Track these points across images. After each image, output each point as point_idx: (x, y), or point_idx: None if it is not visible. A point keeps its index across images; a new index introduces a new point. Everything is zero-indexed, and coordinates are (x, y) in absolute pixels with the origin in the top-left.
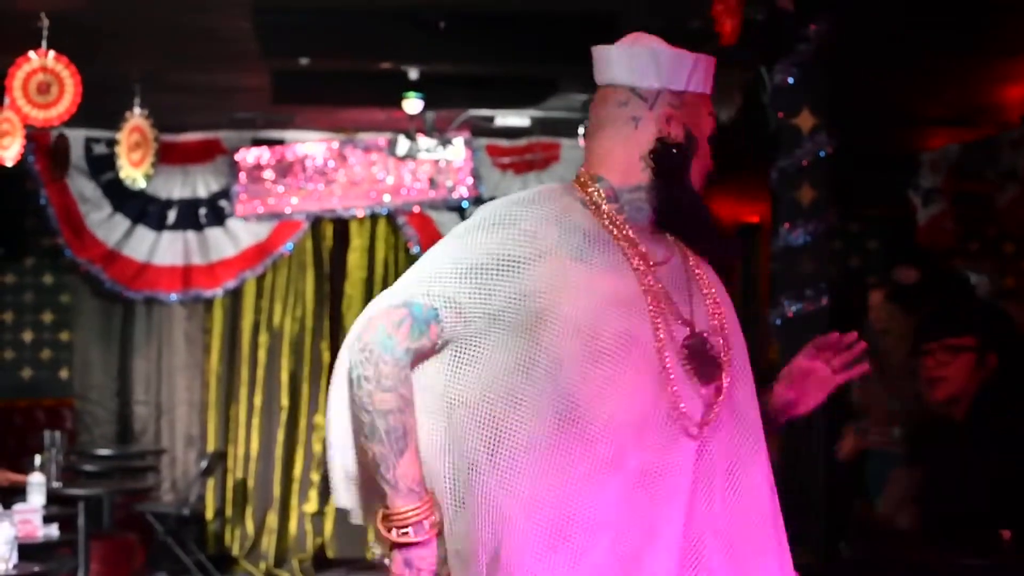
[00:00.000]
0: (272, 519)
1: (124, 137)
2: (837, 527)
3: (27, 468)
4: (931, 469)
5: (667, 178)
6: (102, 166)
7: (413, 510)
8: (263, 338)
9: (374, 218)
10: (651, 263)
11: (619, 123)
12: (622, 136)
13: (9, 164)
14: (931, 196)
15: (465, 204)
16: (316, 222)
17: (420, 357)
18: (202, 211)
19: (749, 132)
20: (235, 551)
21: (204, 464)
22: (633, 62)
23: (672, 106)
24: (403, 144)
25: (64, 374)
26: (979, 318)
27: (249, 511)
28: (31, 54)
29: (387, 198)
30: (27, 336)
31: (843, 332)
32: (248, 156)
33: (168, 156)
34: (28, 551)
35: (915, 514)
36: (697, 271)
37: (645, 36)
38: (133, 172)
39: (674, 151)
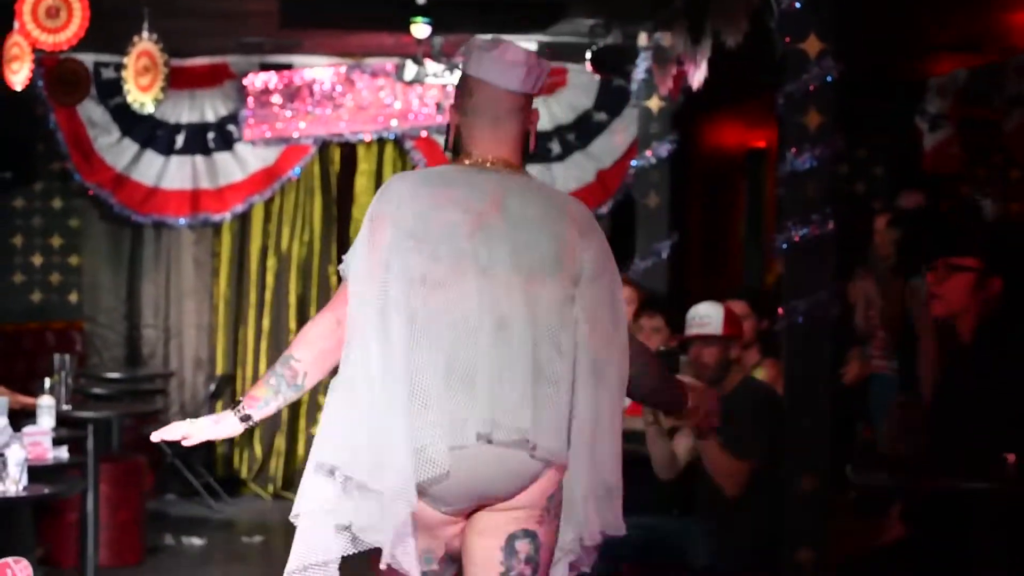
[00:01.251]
0: (280, 442)
1: (132, 62)
2: (842, 452)
3: (37, 391)
4: (935, 393)
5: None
6: (111, 90)
7: None
8: (271, 262)
9: (381, 143)
10: None
11: (517, 122)
12: (521, 134)
13: (18, 88)
14: (938, 122)
15: None
16: (324, 147)
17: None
18: (210, 135)
19: (756, 57)
20: (243, 474)
21: (212, 387)
22: (531, 74)
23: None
24: (411, 69)
25: (73, 298)
26: (983, 241)
27: (257, 434)
28: None
29: (394, 123)
30: (36, 260)
31: (848, 257)
32: (256, 81)
33: (176, 81)
34: (38, 473)
35: (919, 438)
36: None
37: (522, 48)
38: (141, 97)
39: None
